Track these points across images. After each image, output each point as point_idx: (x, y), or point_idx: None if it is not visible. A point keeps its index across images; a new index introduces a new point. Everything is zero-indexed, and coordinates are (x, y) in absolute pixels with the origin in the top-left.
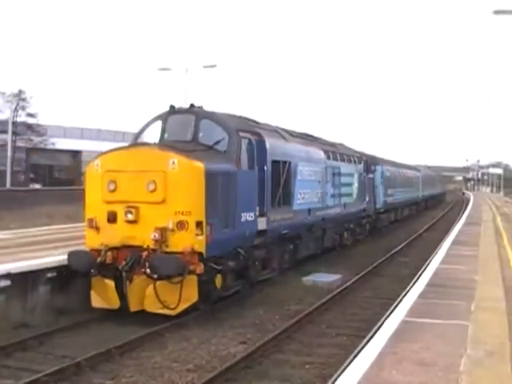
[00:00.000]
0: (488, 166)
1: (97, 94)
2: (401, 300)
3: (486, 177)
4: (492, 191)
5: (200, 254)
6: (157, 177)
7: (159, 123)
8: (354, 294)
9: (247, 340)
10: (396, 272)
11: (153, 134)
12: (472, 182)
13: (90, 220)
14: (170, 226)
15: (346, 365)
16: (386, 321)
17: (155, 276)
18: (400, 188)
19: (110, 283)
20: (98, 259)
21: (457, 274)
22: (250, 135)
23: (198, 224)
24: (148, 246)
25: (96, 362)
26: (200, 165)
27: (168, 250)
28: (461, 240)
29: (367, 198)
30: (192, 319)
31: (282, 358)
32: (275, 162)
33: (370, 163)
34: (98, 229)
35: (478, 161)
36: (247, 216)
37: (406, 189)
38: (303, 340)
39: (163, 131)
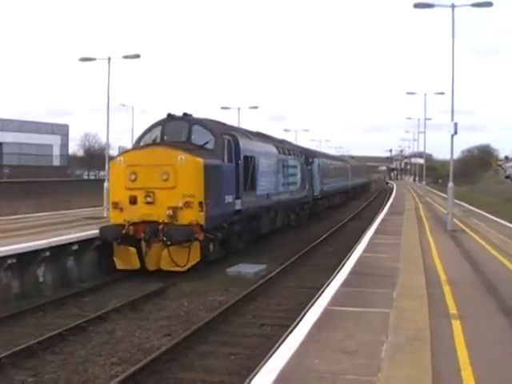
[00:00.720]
0: (411, 156)
1: (18, 85)
2: (324, 289)
3: (408, 166)
4: (414, 180)
5: (201, 226)
6: (169, 169)
7: (159, 128)
8: (279, 284)
9: (172, 332)
10: (321, 261)
11: (154, 137)
12: (395, 172)
13: (115, 203)
14: (180, 205)
15: (269, 355)
16: (310, 310)
17: (169, 242)
18: (333, 178)
19: (133, 250)
20: (123, 231)
21: (380, 262)
22: (229, 137)
23: (200, 204)
24: (163, 221)
25: (17, 358)
26: (200, 160)
27: (178, 223)
28: (384, 229)
29: (307, 187)
30: (115, 312)
31: (207, 350)
32: (245, 157)
33: (308, 156)
34: (121, 209)
35: (402, 151)
36: (229, 198)
37: (338, 178)
38: (228, 331)
39: (163, 134)
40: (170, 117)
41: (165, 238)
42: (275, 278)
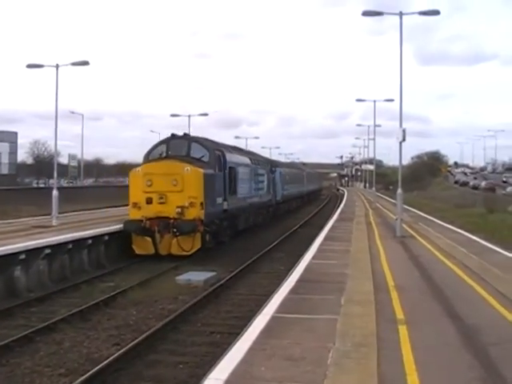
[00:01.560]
0: (361, 163)
1: None
2: (272, 296)
3: (359, 173)
4: (365, 187)
5: (201, 220)
6: (177, 177)
7: (164, 146)
8: (229, 291)
9: (120, 341)
10: (271, 268)
11: (160, 152)
12: (346, 179)
13: (134, 203)
14: (186, 204)
15: (215, 363)
16: (257, 317)
17: (177, 233)
18: (292, 184)
19: (149, 239)
20: (142, 225)
21: (328, 269)
22: (218, 152)
23: (201, 204)
24: (173, 217)
25: None
26: (201, 170)
27: (184, 218)
28: (334, 235)
29: (271, 192)
30: (64, 322)
31: (155, 359)
32: (230, 168)
33: (272, 165)
34: (139, 208)
35: (352, 157)
36: (219, 200)
37: (296, 185)
38: (177, 339)
39: (167, 150)
40: (173, 136)
41: (175, 230)
42: (225, 286)
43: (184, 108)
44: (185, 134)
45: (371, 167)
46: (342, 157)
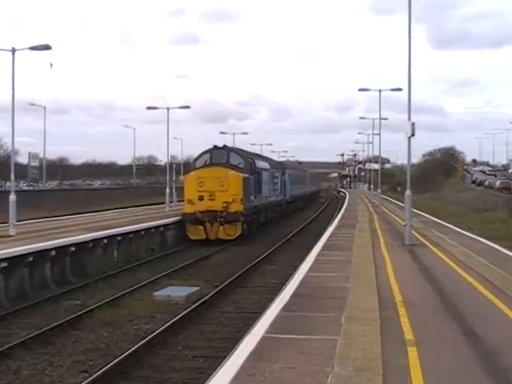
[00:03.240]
0: (365, 162)
1: None
2: (262, 314)
3: (363, 173)
4: (369, 188)
5: (241, 213)
6: (223, 179)
7: (208, 154)
8: (214, 309)
9: (89, 368)
10: (262, 282)
11: (205, 160)
12: (348, 179)
13: (189, 200)
14: (230, 200)
15: None
16: (245, 338)
17: (224, 222)
18: (298, 185)
19: (201, 227)
20: (196, 216)
21: (326, 283)
22: (250, 159)
23: (241, 200)
24: (220, 210)
25: None
26: (241, 174)
27: (228, 211)
28: (333, 244)
29: (283, 192)
30: (22, 347)
31: None
32: (257, 172)
33: (283, 168)
34: (193, 203)
35: (355, 155)
36: (251, 198)
37: (301, 186)
38: (154, 364)
39: (211, 158)
40: (215, 147)
41: (222, 220)
42: (210, 302)
43: (163, 99)
44: (224, 146)
45: (376, 166)
46: (343, 155)
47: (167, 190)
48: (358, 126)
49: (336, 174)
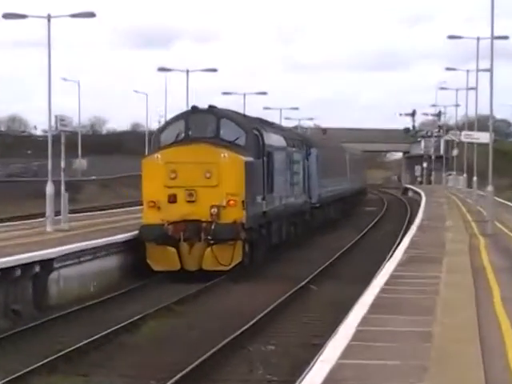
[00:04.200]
0: (457, 130)
1: None
2: None
3: (455, 152)
4: (470, 185)
5: (243, 224)
6: (212, 166)
7: (182, 122)
8: None
9: None
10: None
11: (177, 132)
12: (426, 165)
13: (152, 202)
14: (224, 203)
15: None
16: None
17: (212, 241)
18: (331, 178)
19: (173, 250)
20: (163, 231)
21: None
22: (256, 131)
23: (242, 203)
24: (206, 219)
25: None
26: (242, 157)
27: (221, 221)
28: (395, 299)
29: (306, 189)
30: None
31: None
32: (268, 154)
33: (307, 145)
34: (158, 208)
35: (439, 114)
36: (259, 199)
37: (336, 178)
38: None
39: (187, 129)
40: (195, 109)
41: (209, 237)
42: None
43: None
44: (210, 107)
45: (483, 137)
46: (413, 113)
47: (48, 188)
48: (442, 56)
49: (399, 155)
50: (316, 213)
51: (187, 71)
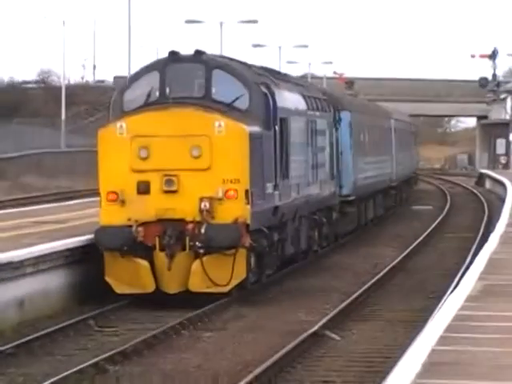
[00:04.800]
0: None
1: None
2: None
3: None
4: None
5: (247, 225)
6: (201, 140)
7: (156, 74)
8: None
9: None
10: None
11: (149, 89)
12: None
13: (112, 193)
14: (219, 194)
15: None
16: None
17: (202, 251)
18: (371, 157)
19: (144, 263)
20: (130, 235)
21: None
22: (265, 89)
23: (246, 193)
24: (193, 219)
25: None
26: (244, 127)
27: (215, 221)
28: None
29: (335, 174)
30: None
31: None
32: (281, 120)
33: (335, 107)
34: (123, 202)
35: None
36: (269, 188)
37: (377, 159)
38: None
39: (163, 85)
40: (174, 56)
41: (198, 243)
42: None
43: None
44: (197, 52)
45: None
46: (493, 55)
47: None
48: None
49: (470, 122)
50: (348, 210)
51: (221, 23)
